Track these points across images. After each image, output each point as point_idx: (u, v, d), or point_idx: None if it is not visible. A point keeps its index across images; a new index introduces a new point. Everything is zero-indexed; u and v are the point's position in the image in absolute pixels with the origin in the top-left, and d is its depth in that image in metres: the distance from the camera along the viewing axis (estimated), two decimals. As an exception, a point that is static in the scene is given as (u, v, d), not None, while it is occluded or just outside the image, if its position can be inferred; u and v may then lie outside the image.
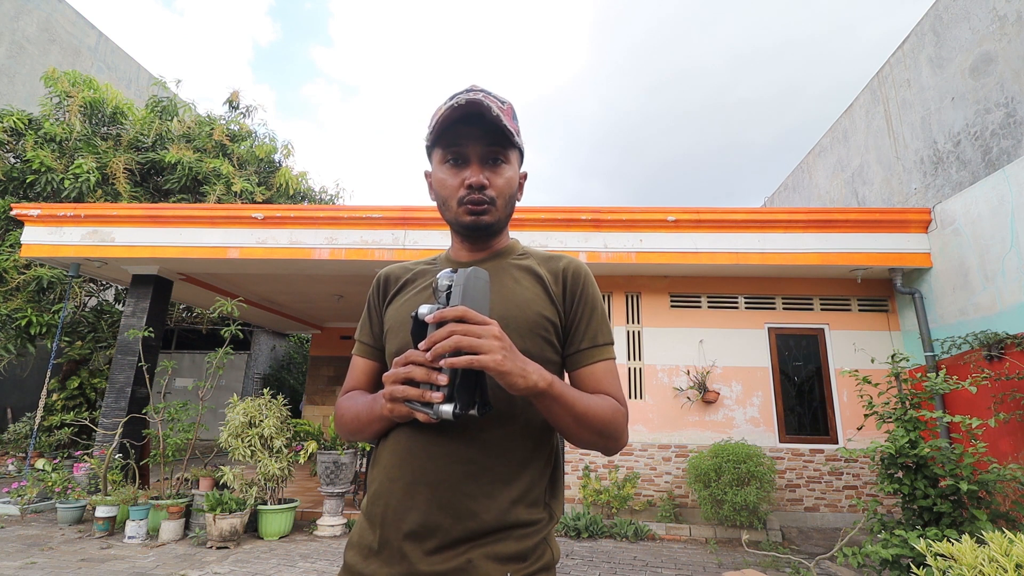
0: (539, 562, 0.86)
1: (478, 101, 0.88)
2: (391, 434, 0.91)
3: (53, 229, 6.13)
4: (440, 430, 0.84)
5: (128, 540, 4.73)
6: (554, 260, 1.03)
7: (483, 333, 0.72)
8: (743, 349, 6.18)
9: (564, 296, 0.98)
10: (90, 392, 8.38)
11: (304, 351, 15.18)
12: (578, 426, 0.84)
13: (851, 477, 5.75)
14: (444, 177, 0.96)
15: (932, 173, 6.65)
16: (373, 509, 0.88)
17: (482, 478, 0.85)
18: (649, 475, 5.88)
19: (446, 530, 0.82)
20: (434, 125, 0.93)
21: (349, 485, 5.41)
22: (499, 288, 0.95)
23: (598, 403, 0.88)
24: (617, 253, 5.87)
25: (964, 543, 1.82)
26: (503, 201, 0.97)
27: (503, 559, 0.82)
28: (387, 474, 0.88)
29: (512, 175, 0.98)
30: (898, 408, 3.59)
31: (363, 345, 1.06)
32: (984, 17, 5.82)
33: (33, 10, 11.38)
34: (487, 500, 0.84)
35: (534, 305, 0.94)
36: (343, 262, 6.08)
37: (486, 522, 0.83)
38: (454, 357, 0.71)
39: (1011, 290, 4.72)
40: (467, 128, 0.92)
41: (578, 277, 0.99)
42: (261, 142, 10.84)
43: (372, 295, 1.08)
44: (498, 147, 0.94)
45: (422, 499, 0.83)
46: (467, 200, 0.94)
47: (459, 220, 0.96)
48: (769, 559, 4.49)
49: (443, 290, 0.77)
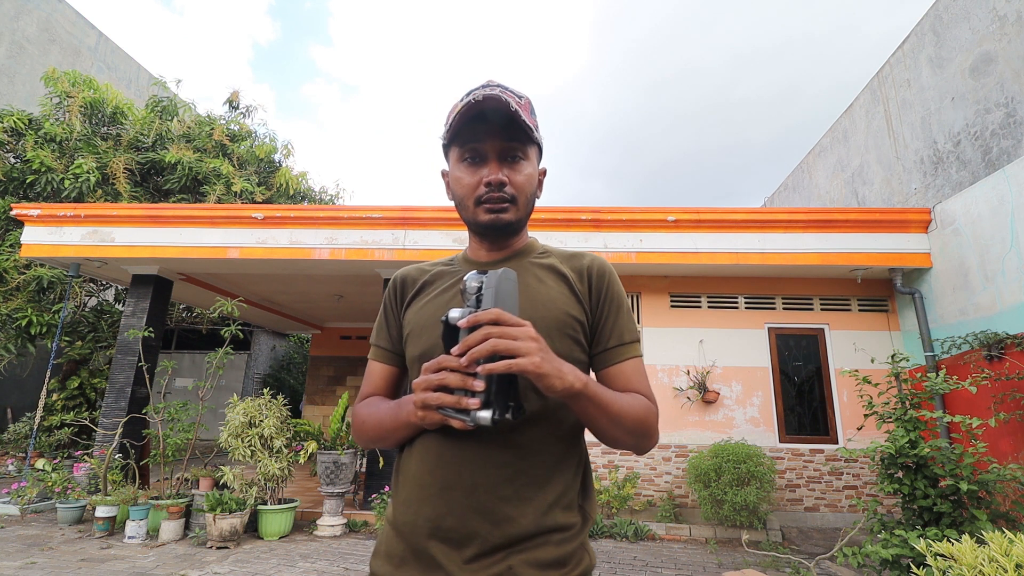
0: (578, 568, 0.84)
1: (495, 96, 0.86)
2: (417, 440, 0.89)
3: (53, 229, 6.13)
4: (472, 434, 0.81)
5: (128, 540, 4.73)
6: (577, 258, 1.01)
7: (519, 335, 0.70)
8: (743, 349, 6.18)
9: (590, 294, 0.96)
10: (90, 392, 8.38)
11: (304, 351, 15.18)
12: (613, 426, 0.82)
13: (851, 477, 5.75)
14: (461, 175, 0.94)
15: (932, 173, 6.65)
16: (403, 517, 0.86)
17: (518, 481, 0.83)
18: (649, 475, 5.88)
19: (484, 537, 0.80)
20: (450, 123, 0.90)
21: (349, 485, 5.41)
22: (523, 288, 0.93)
23: (631, 402, 0.86)
24: (617, 253, 5.87)
25: (964, 543, 1.82)
26: (523, 199, 0.94)
27: (543, 565, 0.80)
28: (417, 481, 0.86)
29: (531, 172, 0.95)
30: (898, 408, 3.59)
31: (380, 350, 1.02)
32: (984, 17, 5.82)
33: (33, 10, 11.38)
34: (524, 504, 0.82)
35: (560, 304, 0.92)
36: (343, 262, 6.08)
37: (524, 527, 0.81)
38: (491, 362, 0.68)
39: (1011, 290, 4.72)
40: (484, 125, 0.90)
41: (603, 274, 0.97)
42: (261, 142, 10.85)
43: (388, 298, 1.04)
44: (517, 143, 0.92)
45: (458, 505, 0.81)
46: (486, 198, 0.92)
47: (477, 219, 0.94)
48: (769, 559, 4.49)
49: (472, 292, 0.74)
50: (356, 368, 10.74)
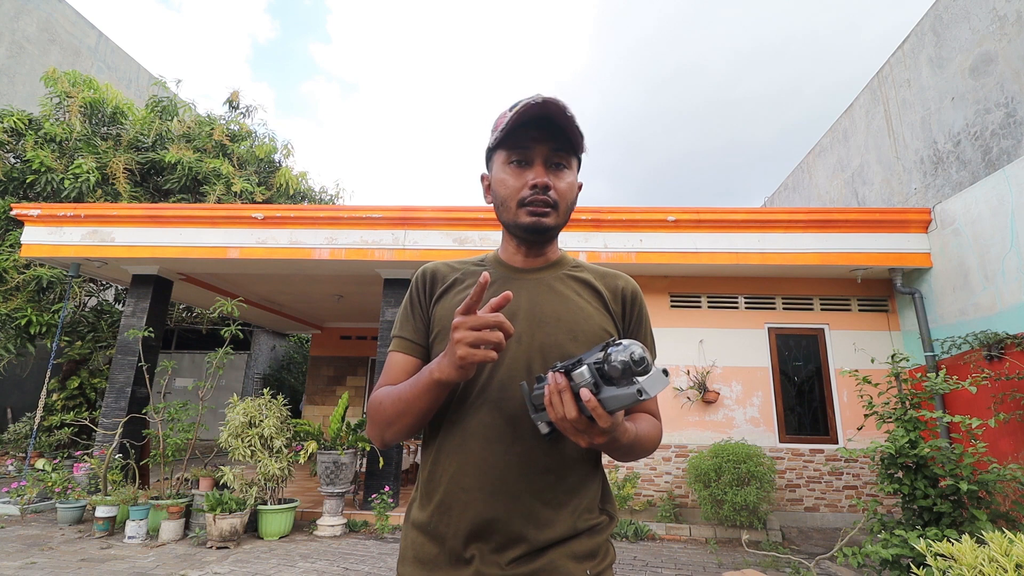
0: (606, 559, 0.91)
1: (555, 101, 0.89)
2: (452, 444, 0.89)
3: (53, 229, 6.13)
4: (516, 441, 0.86)
5: (128, 540, 4.73)
6: (611, 277, 1.05)
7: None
8: (743, 349, 6.18)
9: (624, 315, 1.02)
10: (90, 392, 8.38)
11: (304, 351, 15.18)
12: (631, 455, 0.88)
13: (851, 477, 5.75)
14: (506, 177, 0.96)
15: (932, 173, 6.65)
16: (440, 520, 0.87)
17: (558, 488, 0.88)
18: (649, 475, 5.88)
19: (530, 540, 0.84)
20: (504, 126, 0.92)
21: (349, 485, 5.41)
22: (562, 299, 0.97)
23: (648, 430, 0.92)
24: (617, 253, 5.87)
25: (964, 543, 1.82)
26: (564, 205, 0.97)
27: (580, 557, 0.87)
28: (458, 485, 0.87)
29: (573, 180, 0.98)
30: (898, 408, 3.59)
31: (406, 341, 0.99)
32: (984, 17, 5.82)
33: (33, 10, 11.38)
34: (562, 509, 0.87)
35: (597, 320, 0.97)
36: (343, 262, 6.08)
37: (562, 531, 0.86)
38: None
39: (1011, 290, 4.72)
40: (536, 131, 0.92)
41: (636, 298, 1.03)
42: (261, 142, 10.84)
43: (417, 291, 1.03)
44: (564, 152, 0.95)
45: (504, 509, 0.84)
46: (529, 200, 0.93)
47: (518, 221, 0.95)
48: (769, 559, 4.49)
49: (640, 361, 0.67)
50: (356, 368, 10.74)
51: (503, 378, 0.89)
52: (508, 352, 0.90)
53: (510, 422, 0.87)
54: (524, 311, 0.94)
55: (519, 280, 1.00)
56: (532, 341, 0.91)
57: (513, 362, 0.90)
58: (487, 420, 0.88)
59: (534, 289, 0.98)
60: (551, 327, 0.93)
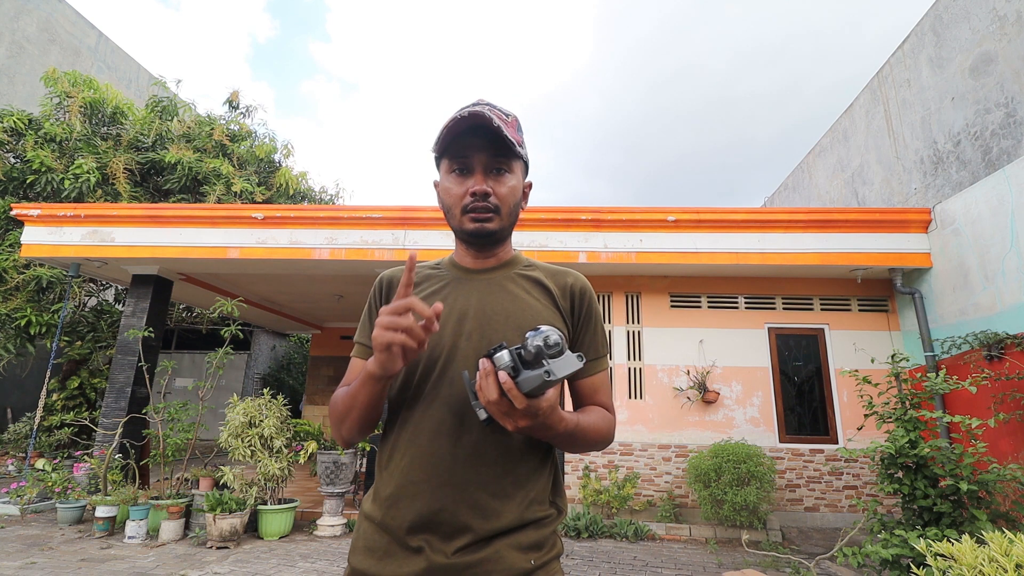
0: (552, 551, 0.93)
1: (481, 113, 0.92)
2: (403, 437, 0.93)
3: (53, 229, 6.13)
4: (465, 434, 0.89)
5: (128, 540, 4.73)
6: (561, 275, 1.08)
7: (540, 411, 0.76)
8: (743, 349, 6.18)
9: (572, 311, 1.04)
10: (90, 392, 8.38)
11: (304, 351, 15.17)
12: (579, 447, 0.94)
13: (851, 477, 5.75)
14: (449, 186, 1.00)
15: (932, 173, 6.65)
16: (389, 512, 0.89)
17: (505, 480, 0.90)
18: (649, 475, 5.88)
19: (476, 530, 0.86)
20: (440, 136, 0.96)
21: (349, 485, 5.41)
22: (512, 297, 1.01)
23: (594, 422, 0.95)
24: (617, 253, 5.87)
25: (964, 543, 1.82)
26: (506, 209, 1.00)
27: (525, 548, 0.89)
28: (406, 476, 0.90)
29: (515, 184, 1.01)
30: (898, 408, 3.59)
31: (364, 347, 1.05)
32: (984, 17, 5.82)
33: (33, 10, 11.38)
34: (509, 500, 0.90)
35: (546, 315, 0.99)
36: (343, 262, 6.08)
37: (509, 521, 0.88)
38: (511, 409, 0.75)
39: (1011, 290, 4.72)
40: (472, 139, 0.96)
41: (584, 294, 1.06)
42: (261, 142, 10.84)
43: (374, 298, 1.08)
44: (501, 158, 0.98)
45: (451, 500, 0.87)
46: (471, 208, 0.97)
47: (463, 227, 1.00)
48: (769, 559, 4.49)
49: (553, 346, 0.72)
50: (356, 368, 10.73)
51: (452, 375, 0.93)
52: (458, 349, 0.94)
53: (458, 415, 0.90)
54: (474, 309, 0.98)
55: (471, 280, 1.04)
56: (481, 338, 0.95)
57: (464, 359, 0.93)
58: (437, 415, 0.91)
59: (485, 288, 1.02)
60: (500, 324, 0.97)
